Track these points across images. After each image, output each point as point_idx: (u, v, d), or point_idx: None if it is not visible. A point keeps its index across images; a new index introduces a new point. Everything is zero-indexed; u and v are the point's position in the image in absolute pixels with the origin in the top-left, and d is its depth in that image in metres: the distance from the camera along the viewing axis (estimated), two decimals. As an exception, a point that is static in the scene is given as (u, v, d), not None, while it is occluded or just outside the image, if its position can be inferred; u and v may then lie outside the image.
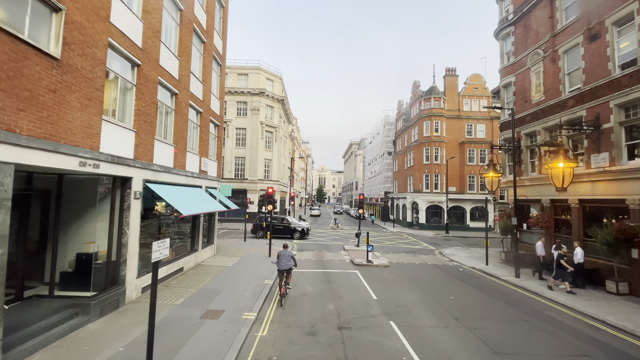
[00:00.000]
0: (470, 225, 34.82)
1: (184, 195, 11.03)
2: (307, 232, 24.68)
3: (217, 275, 12.10)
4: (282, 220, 24.76)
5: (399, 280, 12.81)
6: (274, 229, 22.96)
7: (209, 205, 12.29)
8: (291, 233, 24.02)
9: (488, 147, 35.26)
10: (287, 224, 24.42)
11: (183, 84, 11.78)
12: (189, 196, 11.38)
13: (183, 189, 11.58)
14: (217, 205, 12.94)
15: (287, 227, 24.14)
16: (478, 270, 15.69)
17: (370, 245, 15.42)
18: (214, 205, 12.76)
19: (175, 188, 11.01)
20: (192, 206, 10.52)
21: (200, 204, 11.58)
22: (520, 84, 18.32)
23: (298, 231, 24.08)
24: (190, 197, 11.41)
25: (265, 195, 16.38)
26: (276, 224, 23.99)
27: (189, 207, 10.00)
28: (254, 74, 36.22)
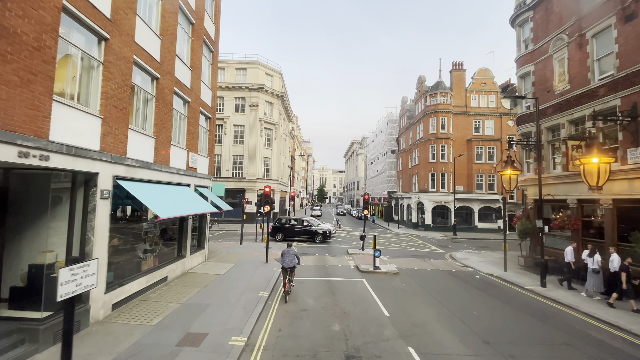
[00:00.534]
0: (478, 226, 33.30)
1: (166, 195, 9.57)
2: (329, 235, 22.80)
3: (205, 286, 10.63)
4: (303, 222, 23.00)
5: (411, 291, 11.32)
6: (293, 231, 22.30)
7: (196, 206, 10.83)
8: (312, 236, 22.25)
9: (497, 144, 33.82)
10: (307, 226, 22.68)
11: (166, 67, 10.31)
12: (172, 196, 9.92)
13: (166, 188, 10.12)
14: (206, 206, 11.49)
15: (307, 230, 22.38)
16: (497, 277, 14.19)
17: (378, 250, 13.95)
18: (203, 206, 11.30)
19: (156, 187, 9.55)
20: (175, 207, 9.05)
21: (185, 204, 10.12)
22: (540, 73, 16.80)
23: (320, 234, 22.17)
24: (174, 197, 9.95)
25: (263, 195, 14.91)
26: (296, 226, 22.59)
27: (169, 209, 8.53)
28: (252, 69, 34.76)
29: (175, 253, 11.97)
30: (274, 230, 22.27)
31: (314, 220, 24.27)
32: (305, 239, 22.30)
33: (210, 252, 16.56)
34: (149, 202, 8.04)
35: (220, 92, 34.16)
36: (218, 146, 33.96)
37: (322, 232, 22.22)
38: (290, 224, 22.93)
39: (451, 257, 19.11)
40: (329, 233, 22.69)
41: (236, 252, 17.15)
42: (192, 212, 9.87)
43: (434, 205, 33.10)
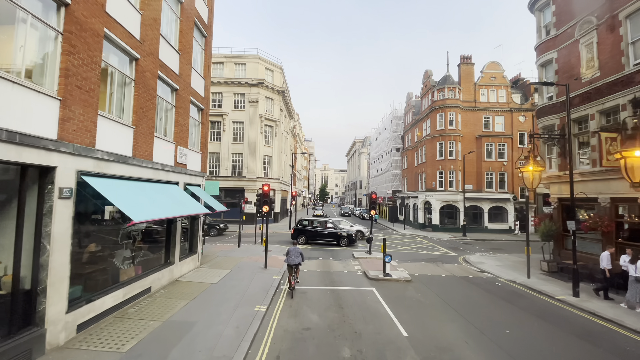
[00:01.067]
0: (488, 226, 31.84)
1: (147, 194, 8.23)
2: (355, 238, 21.23)
3: (194, 298, 9.29)
4: (326, 224, 21.42)
5: (429, 303, 9.94)
6: (317, 234, 20.91)
7: (185, 207, 9.49)
8: (337, 239, 20.67)
9: (508, 141, 32.36)
10: (332, 228, 21.09)
11: (148, 47, 8.97)
12: (155, 195, 8.59)
13: (148, 186, 8.80)
14: (197, 207, 10.15)
15: (332, 232, 20.82)
16: (520, 285, 12.78)
17: (388, 255, 12.57)
18: (192, 207, 9.96)
19: (135, 184, 8.23)
20: (155, 209, 7.71)
21: (170, 205, 8.79)
22: (564, 61, 15.36)
23: (344, 237, 20.56)
24: (157, 197, 8.62)
25: (261, 194, 13.57)
26: (319, 228, 21.08)
27: (146, 211, 7.19)
28: (252, 63, 33.42)
29: (162, 259, 10.65)
30: (295, 232, 20.96)
31: (337, 222, 22.51)
32: (329, 242, 20.84)
33: (204, 256, 15.24)
34: (121, 202, 6.70)
35: (219, 87, 32.87)
36: (217, 144, 32.71)
37: (346, 235, 20.59)
38: (313, 225, 21.39)
39: (465, 260, 17.71)
40: (354, 236, 21.09)
41: (233, 256, 15.81)
42: (177, 214, 8.53)
43: (442, 204, 31.65)
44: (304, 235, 20.81)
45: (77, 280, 6.86)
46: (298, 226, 21.41)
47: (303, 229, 21.09)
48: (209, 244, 19.55)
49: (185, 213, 9.05)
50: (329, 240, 20.83)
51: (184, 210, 9.24)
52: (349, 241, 20.59)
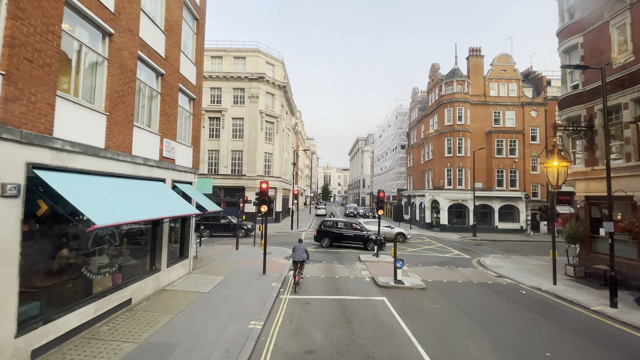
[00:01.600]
0: (499, 226, 30.48)
1: (123, 193, 7.03)
2: (384, 242, 19.33)
3: (180, 312, 8.09)
4: (352, 226, 19.84)
5: (450, 317, 8.68)
6: (342, 236, 19.43)
7: (169, 207, 8.29)
8: (364, 242, 18.83)
9: (519, 137, 30.95)
10: (358, 230, 19.42)
11: (125, 22, 7.76)
12: (133, 194, 7.39)
13: (126, 184, 7.60)
14: (184, 207, 8.94)
15: (358, 235, 19.09)
16: (547, 292, 11.49)
17: (400, 260, 11.31)
18: (179, 207, 8.75)
19: (108, 181, 7.03)
20: (130, 210, 6.50)
21: (152, 206, 7.58)
22: (591, 45, 13.99)
23: (372, 240, 18.51)
24: (136, 196, 7.42)
25: (260, 192, 12.34)
26: (344, 230, 19.59)
27: (117, 212, 5.98)
28: (252, 57, 32.19)
29: (147, 266, 9.46)
30: (319, 234, 19.76)
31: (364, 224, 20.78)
32: (355, 245, 19.15)
33: (198, 260, 14.07)
34: (83, 202, 5.50)
35: (218, 82, 31.69)
36: (216, 141, 31.56)
37: (374, 239, 18.38)
38: (337, 227, 19.98)
39: (480, 263, 16.42)
40: (384, 240, 19.21)
41: (229, 259, 14.62)
42: (160, 215, 7.33)
43: (450, 203, 30.31)
44: (328, 237, 19.47)
45: (33, 296, 5.69)
46: (322, 227, 20.06)
47: (327, 231, 19.71)
48: (205, 246, 18.39)
49: (170, 214, 7.84)
50: (356, 244, 19.09)
51: (170, 211, 8.03)
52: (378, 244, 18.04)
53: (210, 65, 32.25)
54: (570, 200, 32.05)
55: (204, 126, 31.45)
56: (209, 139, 31.65)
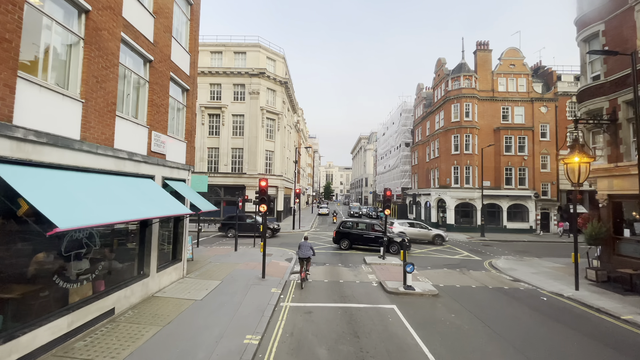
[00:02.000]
0: (507, 226, 29.49)
1: (100, 191, 6.20)
2: (409, 245, 17.38)
3: (169, 323, 7.26)
4: (373, 227, 18.61)
5: (469, 329, 7.79)
6: (362, 238, 18.21)
7: (157, 206, 7.45)
8: (386, 245, 16.75)
9: (529, 133, 29.92)
10: (380, 232, 17.97)
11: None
12: (114, 192, 6.55)
13: (106, 180, 6.77)
14: (175, 207, 8.09)
15: (380, 237, 17.21)
16: (570, 299, 10.57)
17: (410, 264, 10.42)
18: (169, 206, 7.91)
19: (84, 177, 6.20)
20: (107, 210, 5.67)
21: (136, 205, 6.74)
22: (614, 33, 13.01)
23: (396, 243, 17.25)
24: (118, 194, 6.58)
25: (259, 191, 11.47)
26: (364, 232, 18.38)
27: (89, 213, 5.15)
28: (252, 52, 31.33)
29: (134, 271, 8.64)
30: (337, 235, 18.71)
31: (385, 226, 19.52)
32: (376, 247, 17.77)
33: (194, 262, 13.26)
34: (45, 201, 4.66)
35: (218, 78, 30.88)
36: (216, 138, 30.77)
37: (399, 242, 17.28)
38: (357, 228, 18.86)
39: (492, 266, 15.50)
40: (408, 242, 17.54)
41: (227, 261, 13.79)
42: (144, 216, 6.49)
43: (457, 202, 29.36)
44: (347, 239, 18.39)
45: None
46: (341, 229, 18.94)
47: (346, 232, 18.58)
48: (203, 247, 17.58)
49: (156, 214, 7.00)
50: (377, 246, 17.41)
51: (156, 211, 7.19)
52: (401, 247, 16.23)
53: (210, 60, 31.43)
54: (581, 198, 31.08)
55: (204, 123, 30.67)
56: (208, 136, 30.86)
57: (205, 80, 30.93)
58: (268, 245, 19.13)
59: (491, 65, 30.90)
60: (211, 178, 30.29)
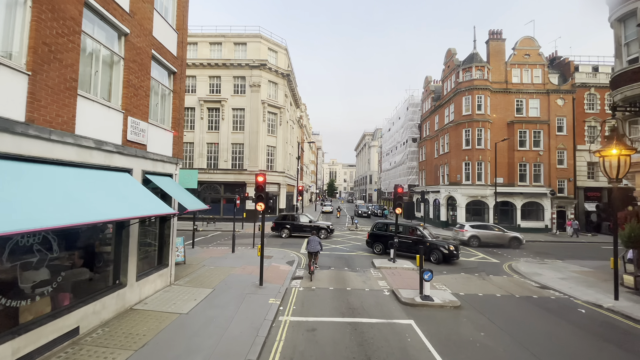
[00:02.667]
0: (521, 225, 27.95)
1: (47, 187, 4.94)
2: (456, 254, 14.69)
3: (144, 345, 6.02)
4: (413, 231, 16.02)
5: (505, 352, 6.44)
6: (399, 242, 15.29)
7: (125, 206, 6.17)
8: (428, 252, 14.72)
9: (544, 127, 28.32)
10: (419, 237, 15.50)
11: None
12: (66, 189, 5.29)
13: (64, 173, 5.52)
14: (151, 206, 6.81)
15: (418, 241, 15.19)
16: (611, 311, 9.19)
17: (429, 271, 9.08)
18: (144, 205, 6.63)
19: (26, 169, 4.93)
20: (47, 212, 4.40)
21: (94, 205, 5.47)
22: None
23: (441, 251, 14.55)
24: (71, 192, 5.32)
25: (256, 187, 10.15)
26: (401, 236, 15.78)
27: (16, 215, 3.87)
28: (253, 43, 29.98)
29: (108, 280, 7.41)
30: (371, 238, 16.87)
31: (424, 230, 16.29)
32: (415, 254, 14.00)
33: (186, 266, 12.04)
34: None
35: (217, 70, 29.60)
36: (215, 133, 29.55)
37: (447, 251, 14.44)
38: (390, 231, 16.47)
39: (513, 270, 14.12)
40: (456, 251, 14.63)
41: (222, 265, 12.55)
42: (102, 218, 5.21)
43: (468, 200, 27.87)
44: (381, 243, 16.34)
45: None
46: (374, 231, 17.03)
47: (380, 235, 16.61)
48: (199, 247, 16.38)
49: (124, 215, 5.72)
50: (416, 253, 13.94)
51: (125, 211, 5.91)
52: (447, 258, 14.48)
53: (209, 52, 30.15)
54: (599, 196, 29.47)
55: (203, 117, 29.44)
56: (207, 131, 29.65)
57: (204, 72, 29.68)
58: (269, 245, 17.90)
59: (504, 55, 29.27)
60: (211, 175, 29.14)
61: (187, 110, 29.87)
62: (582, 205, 28.74)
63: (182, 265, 12.25)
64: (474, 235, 20.21)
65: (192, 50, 30.40)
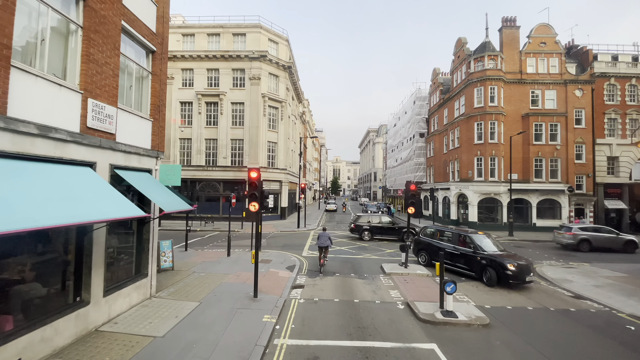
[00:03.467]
0: (537, 223, 26.38)
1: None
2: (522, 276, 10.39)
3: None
4: (464, 241, 11.96)
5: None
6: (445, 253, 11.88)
7: (71, 209, 4.86)
8: (480, 270, 11.12)
9: (561, 120, 26.68)
10: (470, 249, 11.58)
11: None
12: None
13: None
14: (113, 208, 5.49)
15: (470, 256, 11.48)
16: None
17: (451, 283, 7.68)
18: (99, 207, 5.31)
19: None
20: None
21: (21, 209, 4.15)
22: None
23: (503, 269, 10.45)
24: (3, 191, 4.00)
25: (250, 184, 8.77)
26: (449, 245, 12.46)
27: None
28: (253, 34, 28.57)
29: (70, 297, 6.13)
30: (415, 245, 14.24)
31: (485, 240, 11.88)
32: (464, 271, 11.68)
33: (173, 273, 10.76)
34: None
35: (215, 62, 28.28)
36: (214, 129, 28.26)
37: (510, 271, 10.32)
38: (440, 238, 13.18)
39: (538, 275, 12.67)
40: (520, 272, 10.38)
41: (215, 271, 11.25)
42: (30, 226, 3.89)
43: (481, 197, 26.31)
44: (427, 252, 13.43)
45: None
46: (419, 237, 14.31)
47: (428, 243, 13.54)
48: (192, 250, 15.11)
49: (67, 222, 4.41)
50: (466, 270, 11.64)
51: (75, 215, 4.60)
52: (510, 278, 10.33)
53: (207, 43, 28.81)
54: (620, 193, 27.77)
55: (200, 112, 28.17)
56: (206, 126, 28.37)
57: (201, 65, 28.37)
58: (268, 247, 16.61)
59: (519, 44, 27.55)
60: (209, 172, 27.90)
61: (184, 105, 28.65)
62: (601, 202, 27.05)
63: (170, 272, 10.98)
64: (584, 238, 18.13)
65: (189, 42, 29.12)
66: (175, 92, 28.42)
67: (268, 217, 28.78)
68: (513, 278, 10.36)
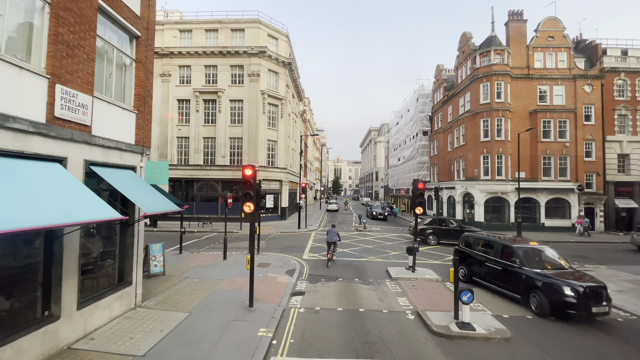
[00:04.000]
0: (546, 223, 25.53)
1: None
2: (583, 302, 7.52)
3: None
4: (511, 256, 9.25)
5: None
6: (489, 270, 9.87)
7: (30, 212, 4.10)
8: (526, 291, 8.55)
9: (570, 116, 25.82)
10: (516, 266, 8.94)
11: None
12: None
13: None
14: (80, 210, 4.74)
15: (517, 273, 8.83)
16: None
17: (468, 292, 6.88)
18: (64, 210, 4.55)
19: None
20: None
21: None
22: None
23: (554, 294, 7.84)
24: None
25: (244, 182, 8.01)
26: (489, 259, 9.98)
27: None
28: (252, 29, 27.82)
29: (37, 311, 5.38)
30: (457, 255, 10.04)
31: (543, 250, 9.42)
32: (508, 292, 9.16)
33: (164, 279, 10.01)
34: None
35: (213, 59, 27.54)
36: (212, 127, 27.54)
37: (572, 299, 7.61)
38: (482, 249, 10.49)
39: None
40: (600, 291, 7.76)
41: (209, 277, 10.50)
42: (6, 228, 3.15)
43: (487, 197, 25.48)
44: (465, 267, 10.90)
45: None
46: (461, 246, 11.51)
47: (468, 254, 10.90)
48: (187, 253, 14.38)
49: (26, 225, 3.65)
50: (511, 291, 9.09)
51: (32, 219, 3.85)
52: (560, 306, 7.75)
53: (204, 39, 28.08)
54: (631, 191, 26.88)
55: (198, 110, 27.44)
56: (203, 124, 27.65)
57: (199, 61, 27.63)
58: (267, 250, 15.85)
59: (526, 38, 26.69)
60: (208, 171, 27.18)
61: (181, 102, 27.93)
62: (612, 201, 26.18)
63: (160, 277, 10.24)
64: None
65: (186, 38, 28.40)
66: (173, 89, 27.70)
67: (268, 217, 28.03)
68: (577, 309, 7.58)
